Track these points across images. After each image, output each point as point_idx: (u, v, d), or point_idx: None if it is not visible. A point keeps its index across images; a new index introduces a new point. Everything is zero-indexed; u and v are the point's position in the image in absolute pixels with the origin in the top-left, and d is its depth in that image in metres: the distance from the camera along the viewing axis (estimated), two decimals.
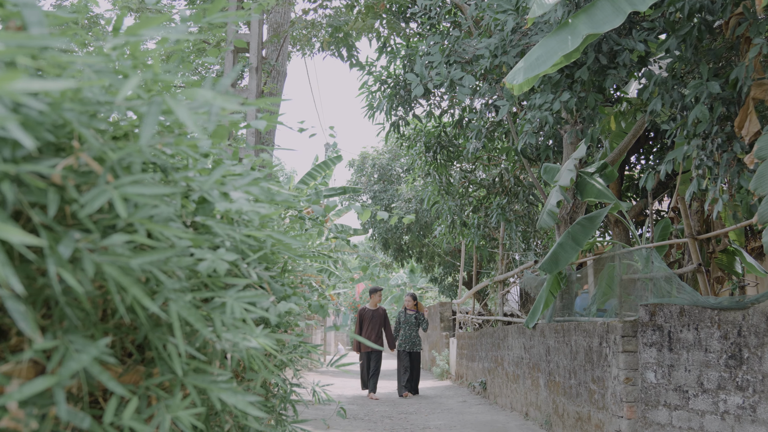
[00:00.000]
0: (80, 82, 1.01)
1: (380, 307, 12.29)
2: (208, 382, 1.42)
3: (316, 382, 2.93)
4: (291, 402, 2.79)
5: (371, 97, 11.57)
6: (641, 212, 10.91)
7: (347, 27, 8.38)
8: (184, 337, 1.53)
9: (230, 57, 6.29)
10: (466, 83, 6.09)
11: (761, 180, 3.43)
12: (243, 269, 1.66)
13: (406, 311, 12.53)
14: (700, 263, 5.70)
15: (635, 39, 4.60)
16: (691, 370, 5.26)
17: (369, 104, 11.66)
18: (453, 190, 14.11)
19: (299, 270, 2.90)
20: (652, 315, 5.56)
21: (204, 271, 1.39)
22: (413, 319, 12.36)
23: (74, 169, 1.03)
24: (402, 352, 12.22)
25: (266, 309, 2.13)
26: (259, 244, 1.82)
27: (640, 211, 10.88)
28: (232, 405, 1.43)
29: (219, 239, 1.65)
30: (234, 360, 1.59)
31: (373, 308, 12.20)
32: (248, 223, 1.77)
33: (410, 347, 12.17)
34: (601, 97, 5.00)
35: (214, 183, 1.38)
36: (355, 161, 21.01)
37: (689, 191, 4.22)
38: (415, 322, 12.37)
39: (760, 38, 3.73)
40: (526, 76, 4.05)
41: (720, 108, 4.07)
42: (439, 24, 7.97)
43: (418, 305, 12.67)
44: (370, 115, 11.92)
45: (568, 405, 6.98)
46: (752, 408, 4.84)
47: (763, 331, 4.86)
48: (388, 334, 12.09)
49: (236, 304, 1.38)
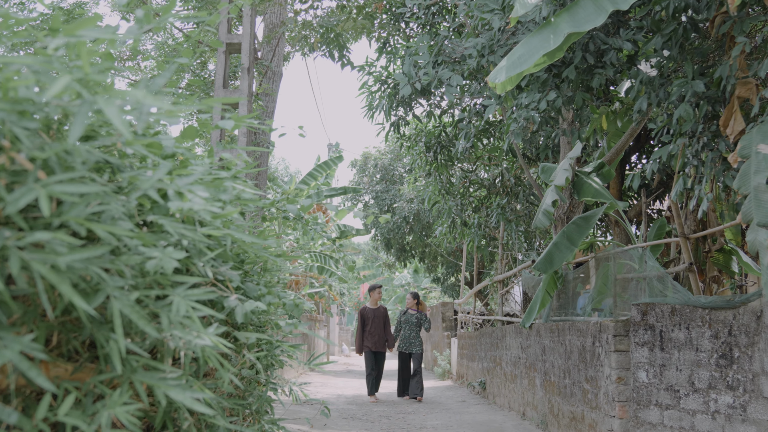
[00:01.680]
0: (11, 81, 1.03)
1: (381, 305, 12.02)
2: (156, 379, 1.44)
3: (293, 381, 2.93)
4: (267, 400, 2.81)
5: (371, 98, 11.58)
6: (640, 212, 10.88)
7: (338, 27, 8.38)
8: (138, 335, 1.55)
9: (222, 58, 6.31)
10: (453, 83, 6.08)
11: (744, 178, 3.42)
12: (199, 268, 1.67)
13: (408, 311, 12.06)
14: (691, 262, 5.69)
15: (622, 38, 4.59)
16: (682, 370, 5.25)
17: (369, 104, 11.67)
18: (454, 190, 14.10)
19: (278, 270, 2.91)
20: (644, 314, 5.55)
21: (152, 269, 1.40)
22: (414, 319, 11.87)
23: (5, 168, 1.04)
24: (402, 353, 11.89)
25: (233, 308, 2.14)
26: (218, 243, 1.84)
27: (639, 212, 10.85)
28: (179, 402, 1.44)
29: (175, 238, 1.66)
30: (188, 358, 1.60)
31: (373, 307, 11.89)
32: (209, 223, 1.78)
33: (410, 348, 11.75)
34: (589, 97, 4.99)
35: (156, 182, 1.39)
36: (358, 161, 21.03)
37: (675, 190, 4.21)
38: (416, 322, 11.87)
39: (743, 37, 3.71)
40: (508, 74, 4.04)
41: (706, 107, 4.06)
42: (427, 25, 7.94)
43: (420, 304, 12.21)
44: (369, 115, 11.94)
45: (563, 405, 6.98)
46: (743, 407, 4.83)
47: (754, 330, 4.84)
48: (388, 333, 11.77)
49: (182, 301, 1.39)
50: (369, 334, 11.60)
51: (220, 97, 6.91)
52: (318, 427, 8.14)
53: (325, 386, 14.48)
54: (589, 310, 7.08)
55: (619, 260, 6.75)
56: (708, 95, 4.14)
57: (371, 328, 11.63)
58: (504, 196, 13.22)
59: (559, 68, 4.86)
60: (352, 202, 21.35)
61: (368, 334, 11.60)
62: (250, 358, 2.15)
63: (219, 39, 6.23)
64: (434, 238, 17.88)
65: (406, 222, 19.74)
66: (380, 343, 11.60)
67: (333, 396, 12.21)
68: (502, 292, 12.43)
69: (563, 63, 4.85)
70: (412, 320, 11.83)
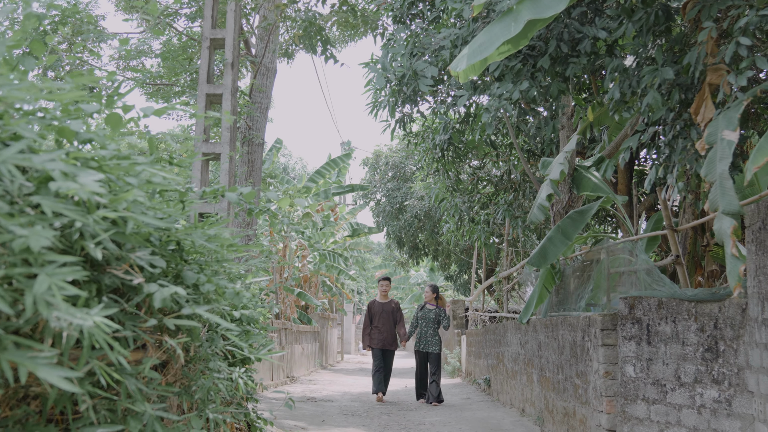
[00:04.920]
0: None
1: (392, 299, 11.07)
2: (25, 358, 1.43)
3: (241, 371, 2.93)
4: (212, 389, 2.80)
5: (377, 94, 11.56)
6: (652, 206, 10.71)
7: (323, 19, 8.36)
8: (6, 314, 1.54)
9: (206, 53, 6.32)
10: (428, 74, 6.02)
11: (710, 166, 3.34)
12: (91, 249, 1.67)
13: (426, 305, 10.83)
14: (677, 255, 5.59)
15: (597, 26, 4.51)
16: (668, 364, 5.16)
17: (373, 101, 11.65)
18: (462, 187, 14.04)
19: (226, 260, 2.90)
20: (632, 308, 5.46)
21: (17, 247, 1.40)
22: (433, 314, 10.66)
23: None
24: (418, 352, 10.75)
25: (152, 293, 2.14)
26: (121, 226, 1.83)
27: (651, 206, 10.69)
28: (44, 380, 1.43)
29: (68, 218, 1.66)
30: (71, 339, 1.59)
31: (383, 301, 10.95)
32: (106, 205, 1.78)
33: (426, 347, 10.62)
34: (565, 87, 4.92)
35: (11, 157, 1.39)
36: (369, 159, 21.02)
37: (648, 179, 4.13)
38: (435, 318, 10.66)
39: (710, 22, 3.62)
40: (469, 62, 3.98)
41: (677, 94, 3.98)
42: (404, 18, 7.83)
43: (439, 299, 10.93)
44: (374, 112, 11.92)
45: (556, 400, 6.91)
46: (728, 402, 4.73)
47: (739, 323, 4.75)
48: (400, 327, 10.79)
49: (46, 279, 1.39)
50: (376, 330, 10.75)
51: (204, 92, 6.98)
52: (315, 423, 8.14)
53: (333, 384, 14.50)
54: (583, 305, 6.99)
55: (612, 254, 6.66)
56: (680, 83, 4.05)
57: (378, 324, 10.77)
58: (511, 192, 13.13)
59: (536, 58, 4.79)
60: (364, 200, 21.35)
61: (375, 330, 10.75)
62: (172, 344, 2.14)
63: (203, 34, 6.25)
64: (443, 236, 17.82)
65: (418, 220, 19.69)
66: (389, 340, 10.71)
67: (339, 393, 12.21)
68: (506, 288, 12.33)
69: (539, 53, 4.78)
70: (430, 316, 10.69)
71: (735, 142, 3.27)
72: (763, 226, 4.15)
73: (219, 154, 6.15)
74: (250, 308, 3.93)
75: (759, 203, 4.18)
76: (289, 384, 13.89)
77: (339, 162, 15.99)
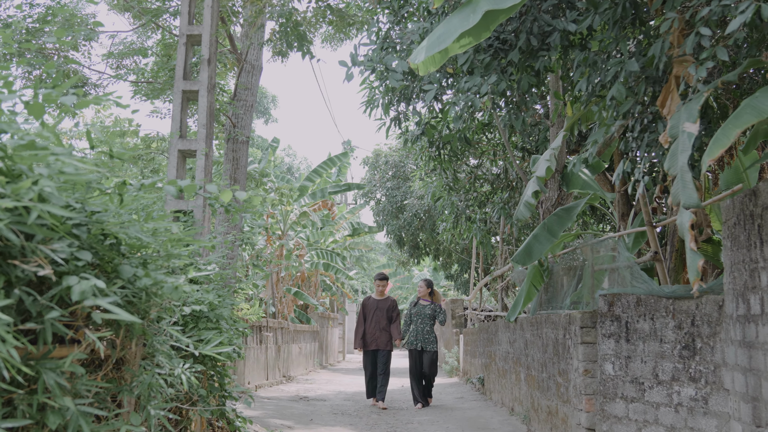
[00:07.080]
0: None
1: (389, 296, 10.33)
2: None
3: (185, 366, 2.88)
4: (153, 385, 2.77)
5: (372, 93, 11.51)
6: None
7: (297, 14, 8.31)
8: None
9: (182, 49, 6.29)
10: (398, 69, 5.97)
11: (672, 159, 3.27)
12: None
13: (419, 301, 10.19)
14: (656, 251, 5.51)
15: (568, 19, 4.44)
16: (647, 362, 5.09)
17: (368, 99, 11.60)
18: (459, 185, 13.97)
19: (172, 255, 2.86)
20: (611, 305, 5.39)
21: None
22: (428, 310, 10.00)
23: None
24: (412, 350, 10.03)
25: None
26: (24, 216, 1.80)
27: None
28: None
29: None
30: None
31: (378, 298, 10.24)
32: (7, 195, 1.74)
33: (421, 345, 9.92)
34: (536, 80, 4.85)
35: None
36: (369, 159, 20.98)
37: (616, 173, 4.06)
38: (430, 314, 9.99)
39: (673, 12, 3.55)
40: (427, 54, 3.91)
41: (643, 87, 3.91)
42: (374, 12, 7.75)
43: (434, 294, 10.28)
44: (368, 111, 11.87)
45: (541, 399, 6.85)
46: (704, 400, 4.67)
47: (716, 320, 4.68)
48: (394, 326, 10.00)
49: None
50: (368, 329, 10.01)
51: (181, 88, 6.95)
52: (303, 423, 8.11)
53: (329, 383, 14.47)
54: (568, 303, 6.93)
55: (596, 252, 6.60)
56: (647, 75, 3.98)
57: (371, 322, 10.00)
58: (507, 190, 13.06)
59: (507, 52, 4.72)
60: (364, 199, 21.32)
61: (367, 329, 10.01)
62: (93, 338, 2.11)
63: (180, 30, 6.22)
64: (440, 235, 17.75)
65: (418, 219, 19.64)
66: (382, 340, 9.91)
67: (333, 392, 12.17)
68: (500, 287, 12.25)
69: (510, 47, 4.71)
70: (425, 312, 10.01)
71: (695, 134, 3.20)
72: (738, 221, 4.08)
73: (195, 150, 6.12)
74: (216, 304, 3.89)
75: (734, 198, 4.11)
76: (285, 383, 13.88)
77: (336, 161, 15.95)
